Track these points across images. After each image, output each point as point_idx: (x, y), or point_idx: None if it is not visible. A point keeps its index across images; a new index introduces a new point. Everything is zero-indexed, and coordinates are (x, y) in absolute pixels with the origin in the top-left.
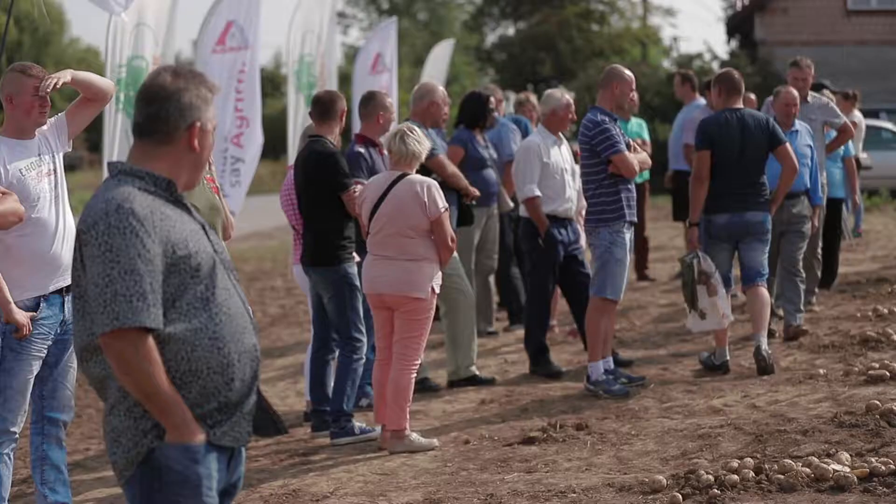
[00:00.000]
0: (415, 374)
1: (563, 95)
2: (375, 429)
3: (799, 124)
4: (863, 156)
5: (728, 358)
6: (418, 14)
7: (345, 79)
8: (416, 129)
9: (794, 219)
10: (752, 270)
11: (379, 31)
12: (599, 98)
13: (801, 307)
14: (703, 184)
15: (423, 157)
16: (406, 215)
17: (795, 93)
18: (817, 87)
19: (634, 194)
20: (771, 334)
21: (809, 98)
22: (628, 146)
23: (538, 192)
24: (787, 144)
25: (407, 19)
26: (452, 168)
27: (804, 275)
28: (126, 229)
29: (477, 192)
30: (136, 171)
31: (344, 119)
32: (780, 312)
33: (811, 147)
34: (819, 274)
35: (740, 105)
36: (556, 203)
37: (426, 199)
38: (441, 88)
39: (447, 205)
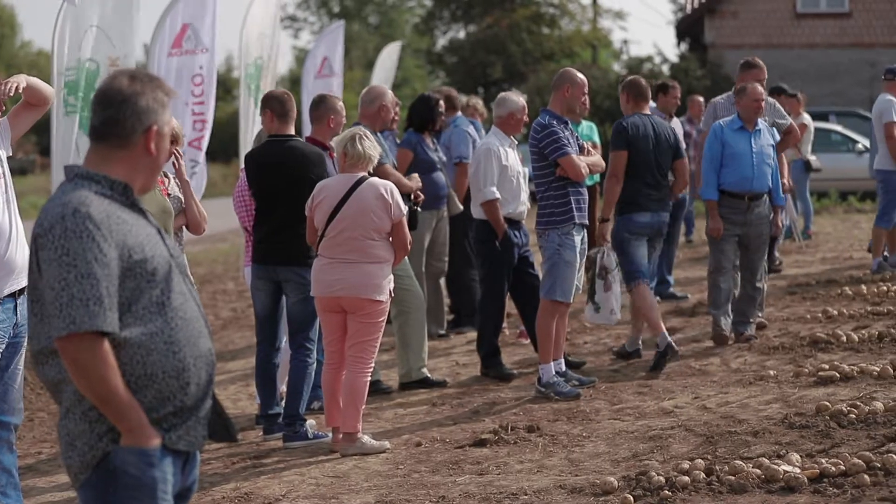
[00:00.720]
0: (369, 377)
1: (520, 98)
2: (328, 435)
3: (762, 123)
4: (812, 158)
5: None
6: (369, 17)
7: (296, 82)
8: (369, 133)
9: (756, 221)
10: (645, 267)
11: (326, 35)
12: (551, 101)
13: (753, 318)
14: (619, 183)
15: (376, 160)
16: (370, 217)
17: (760, 89)
18: (776, 91)
19: (585, 197)
20: (761, 326)
21: None
22: (582, 149)
23: (498, 195)
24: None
25: (358, 22)
26: (397, 175)
27: (763, 287)
28: (82, 233)
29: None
30: (92, 175)
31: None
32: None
33: (773, 146)
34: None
35: (647, 111)
36: (511, 205)
37: (391, 202)
38: (390, 92)
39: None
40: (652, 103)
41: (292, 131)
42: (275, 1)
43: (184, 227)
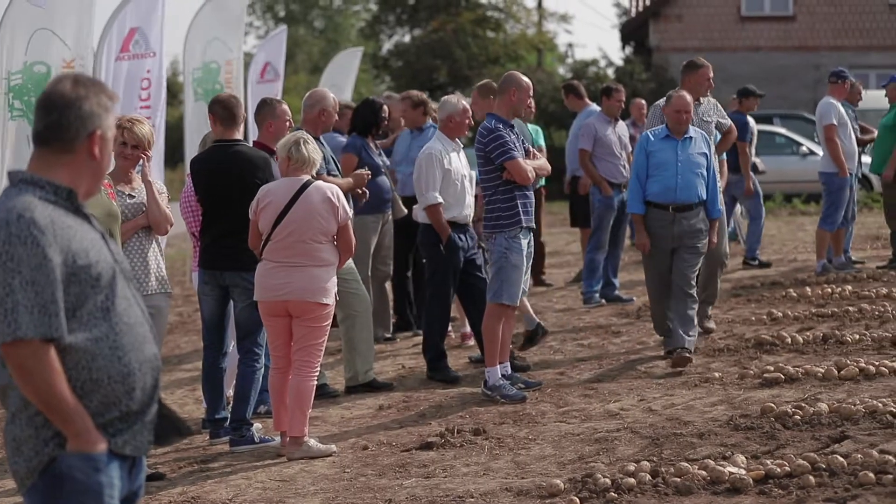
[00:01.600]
0: (315, 381)
1: (460, 101)
2: (275, 438)
3: (694, 131)
4: (756, 160)
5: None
6: (315, 22)
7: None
8: (310, 138)
9: (688, 234)
10: None
11: (269, 40)
12: (496, 105)
13: (691, 332)
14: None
15: (319, 163)
16: (318, 220)
17: (688, 98)
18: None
19: (532, 200)
20: (708, 331)
21: (702, 98)
22: (527, 153)
23: (441, 199)
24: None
25: (303, 27)
26: (338, 181)
27: (696, 296)
28: (27, 239)
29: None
30: (36, 181)
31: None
32: (709, 324)
33: (706, 155)
34: (719, 289)
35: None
36: (455, 209)
37: (339, 204)
38: (332, 96)
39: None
40: (596, 106)
41: (238, 136)
42: (237, 6)
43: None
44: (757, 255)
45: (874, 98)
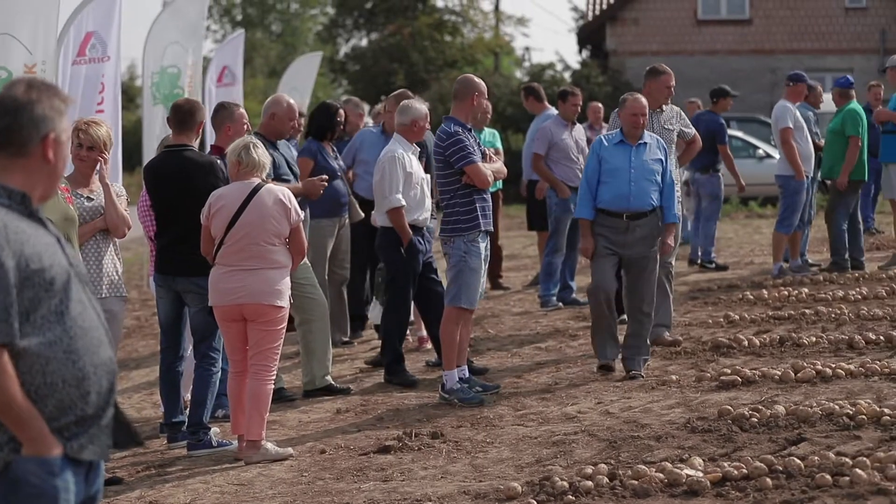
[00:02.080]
0: (273, 384)
1: (423, 106)
2: (232, 442)
3: (650, 136)
4: None
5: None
6: (272, 26)
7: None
8: (259, 143)
9: (640, 242)
10: None
11: (227, 44)
12: (454, 108)
13: (644, 355)
14: None
15: (269, 167)
16: (271, 223)
17: (644, 101)
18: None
19: (490, 204)
20: (676, 344)
21: (664, 106)
22: (484, 156)
23: (404, 202)
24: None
25: (261, 31)
26: (289, 185)
27: (651, 315)
28: None
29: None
30: None
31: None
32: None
33: (662, 161)
34: (672, 310)
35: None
36: (416, 213)
37: (290, 206)
38: (288, 101)
39: None
40: (554, 110)
41: (190, 141)
42: (196, 11)
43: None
44: (713, 258)
45: (826, 102)
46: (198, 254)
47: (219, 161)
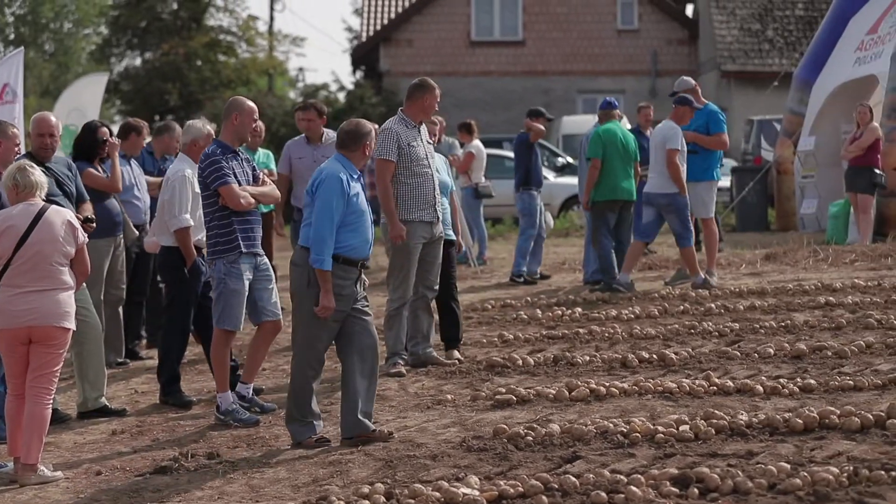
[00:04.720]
0: (51, 407)
1: (205, 126)
2: (8, 464)
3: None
4: (483, 183)
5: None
6: (45, 45)
7: None
8: (34, 165)
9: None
10: None
11: (5, 61)
12: (222, 131)
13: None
14: None
15: (47, 187)
16: (61, 244)
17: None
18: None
19: (254, 225)
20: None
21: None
22: (256, 179)
23: (192, 222)
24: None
25: (33, 49)
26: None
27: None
28: None
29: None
30: None
31: None
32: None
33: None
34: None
35: None
36: (200, 232)
37: (77, 226)
38: (50, 121)
39: None
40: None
41: None
42: None
43: None
44: (523, 272)
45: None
46: None
47: None
